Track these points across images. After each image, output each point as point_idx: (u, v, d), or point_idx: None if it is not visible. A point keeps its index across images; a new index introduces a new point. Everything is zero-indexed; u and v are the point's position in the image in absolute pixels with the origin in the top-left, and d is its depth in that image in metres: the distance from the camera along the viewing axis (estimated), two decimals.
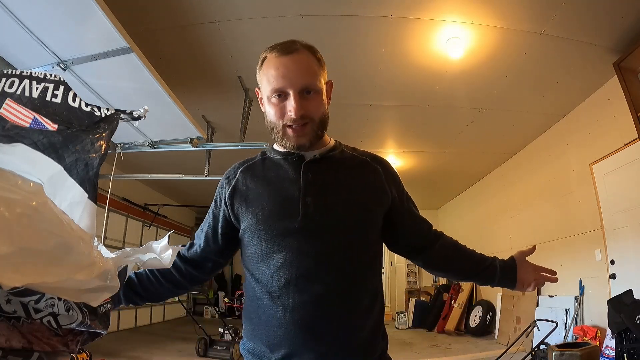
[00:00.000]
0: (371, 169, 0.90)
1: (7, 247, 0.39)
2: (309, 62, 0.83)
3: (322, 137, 0.89)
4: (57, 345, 0.57)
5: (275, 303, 0.78)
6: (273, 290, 0.79)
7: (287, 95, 0.80)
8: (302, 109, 0.79)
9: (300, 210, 0.80)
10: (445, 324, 6.32)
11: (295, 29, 2.85)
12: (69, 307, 0.54)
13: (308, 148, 0.85)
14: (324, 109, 0.85)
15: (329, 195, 0.83)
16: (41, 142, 0.62)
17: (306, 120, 0.81)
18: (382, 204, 0.87)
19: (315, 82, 0.82)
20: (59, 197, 0.67)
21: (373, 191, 0.87)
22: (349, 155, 0.92)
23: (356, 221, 0.82)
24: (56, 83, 0.82)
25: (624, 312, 2.73)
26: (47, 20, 1.86)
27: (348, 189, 0.84)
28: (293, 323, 0.76)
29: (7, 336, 0.51)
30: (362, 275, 0.82)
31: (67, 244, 0.46)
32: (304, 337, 0.75)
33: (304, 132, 0.82)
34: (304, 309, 0.76)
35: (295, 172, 0.85)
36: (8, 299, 0.49)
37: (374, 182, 0.88)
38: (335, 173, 0.86)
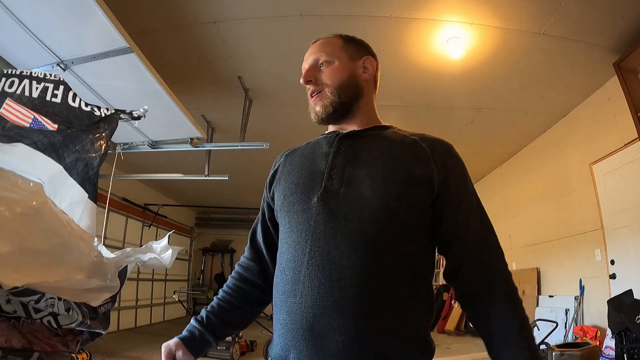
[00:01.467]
0: (417, 148, 0.78)
1: (7, 246, 0.39)
2: (326, 41, 0.87)
3: (356, 108, 0.85)
4: (57, 345, 0.57)
5: (287, 288, 0.70)
6: (287, 274, 0.72)
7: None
8: (308, 76, 0.83)
9: (323, 182, 0.74)
10: (445, 324, 6.32)
11: (295, 29, 2.85)
12: (69, 307, 0.54)
13: (326, 116, 0.82)
14: (344, 77, 0.83)
15: (358, 170, 0.74)
16: (41, 142, 0.62)
17: (319, 87, 0.83)
18: (419, 186, 0.73)
19: (326, 54, 0.84)
20: (59, 197, 0.67)
21: (408, 171, 0.74)
22: (396, 133, 0.84)
23: (383, 200, 0.70)
24: (56, 83, 0.81)
25: (624, 312, 2.73)
26: (47, 20, 1.86)
27: (383, 166, 0.74)
28: (299, 313, 0.67)
29: (7, 336, 0.51)
30: (398, 264, 0.69)
31: (68, 244, 0.46)
32: (304, 333, 0.66)
33: (320, 97, 0.83)
34: (312, 299, 0.66)
35: (329, 146, 0.81)
36: (8, 299, 0.49)
37: (415, 163, 0.75)
38: (372, 149, 0.78)
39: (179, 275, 8.61)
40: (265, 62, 3.24)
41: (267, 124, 4.18)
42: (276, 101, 3.82)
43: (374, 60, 0.91)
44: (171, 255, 0.80)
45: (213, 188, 7.01)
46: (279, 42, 3.01)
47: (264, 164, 4.11)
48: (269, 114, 4.03)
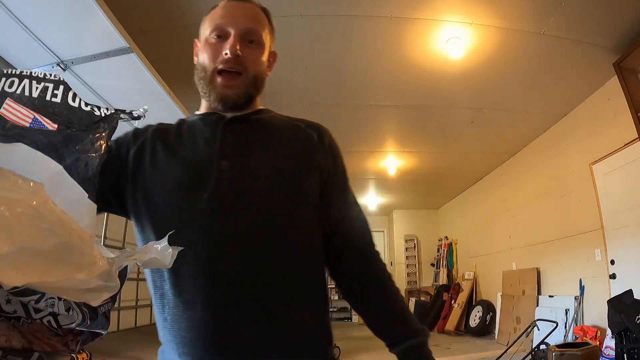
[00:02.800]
0: (305, 135, 0.75)
1: (7, 246, 0.39)
2: (259, 15, 0.76)
3: (253, 102, 0.76)
4: (57, 345, 0.57)
5: (181, 299, 0.63)
6: (179, 284, 0.63)
7: (228, 36, 0.70)
8: (240, 50, 0.69)
9: (214, 176, 0.66)
10: (445, 324, 6.33)
11: (295, 29, 2.85)
12: (69, 307, 0.54)
13: (233, 105, 0.72)
14: (263, 68, 0.75)
15: (250, 160, 0.69)
16: (41, 142, 0.62)
17: (240, 69, 0.70)
18: (314, 174, 0.72)
19: (260, 32, 0.74)
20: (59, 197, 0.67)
21: (304, 159, 0.72)
22: (279, 118, 0.78)
23: (284, 192, 0.68)
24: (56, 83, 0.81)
25: (624, 312, 2.74)
26: (47, 20, 1.86)
27: (274, 155, 0.70)
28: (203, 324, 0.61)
29: (7, 336, 0.51)
30: (295, 261, 0.67)
31: (68, 244, 0.46)
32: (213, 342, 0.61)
33: (234, 83, 0.70)
34: (216, 305, 0.61)
35: (212, 133, 0.71)
36: (8, 299, 0.49)
37: (306, 149, 0.73)
38: (261, 136, 0.73)
39: None
40: None
41: None
42: (276, 101, 3.81)
43: (276, 57, 0.83)
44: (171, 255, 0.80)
45: None
46: (279, 42, 3.00)
47: None
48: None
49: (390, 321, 0.75)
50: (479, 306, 5.97)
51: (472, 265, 6.70)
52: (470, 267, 6.76)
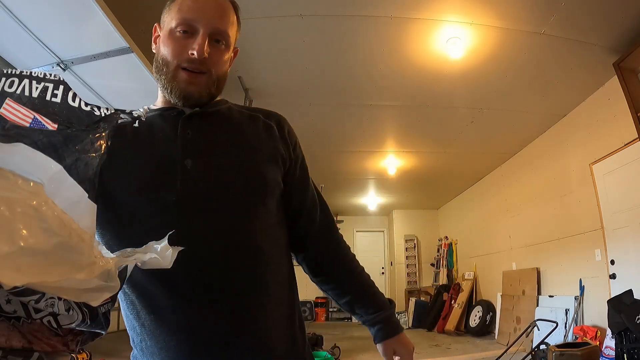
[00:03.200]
0: (264, 125, 0.75)
1: (7, 246, 0.39)
2: (229, 11, 0.73)
3: (213, 100, 0.75)
4: (57, 345, 0.57)
5: (158, 304, 0.63)
6: (151, 289, 0.63)
7: (195, 33, 0.67)
8: (206, 52, 0.66)
9: (179, 176, 0.64)
10: (445, 324, 6.33)
11: (295, 29, 2.85)
12: (69, 307, 0.54)
13: (195, 103, 0.70)
14: (226, 68, 0.74)
15: (215, 156, 0.68)
16: (41, 142, 0.62)
17: (204, 69, 0.68)
18: (276, 164, 0.72)
19: (228, 32, 0.71)
20: (59, 197, 0.67)
21: (266, 151, 0.72)
22: (237, 110, 0.78)
23: (251, 186, 0.67)
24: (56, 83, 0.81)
25: (624, 312, 2.74)
26: (47, 20, 1.86)
27: (237, 148, 0.70)
28: (181, 327, 0.62)
29: (7, 336, 0.51)
30: (268, 256, 0.68)
31: (68, 244, 0.46)
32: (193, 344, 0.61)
33: (198, 80, 0.68)
34: (190, 307, 0.62)
35: (172, 130, 0.69)
36: (8, 299, 0.49)
37: (267, 140, 0.73)
38: (222, 130, 0.72)
39: None
40: (265, 62, 3.24)
41: None
42: (276, 101, 3.81)
43: (237, 53, 0.81)
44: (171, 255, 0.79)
45: None
46: (279, 42, 3.01)
47: None
48: None
49: (359, 298, 0.81)
50: (479, 306, 5.97)
51: (472, 265, 6.70)
52: (470, 267, 6.76)
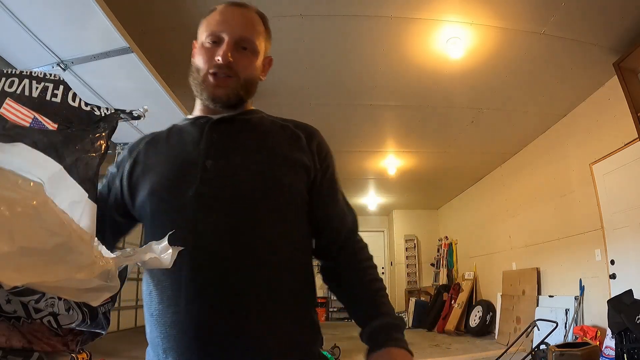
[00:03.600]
0: (292, 134, 0.77)
1: (7, 246, 0.39)
2: (255, 21, 0.78)
3: (243, 104, 0.79)
4: (57, 345, 0.57)
5: (166, 295, 0.65)
6: (163, 280, 0.65)
7: (222, 42, 0.73)
8: (231, 58, 0.71)
9: (198, 175, 0.68)
10: (445, 324, 6.33)
11: (295, 29, 2.85)
12: (69, 306, 0.54)
13: (224, 104, 0.74)
14: (255, 73, 0.78)
15: (234, 159, 0.70)
16: (41, 142, 0.62)
17: (231, 74, 0.72)
18: (299, 172, 0.73)
19: (254, 39, 0.75)
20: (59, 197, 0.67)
21: (288, 157, 0.73)
22: (268, 119, 0.81)
23: (263, 189, 0.68)
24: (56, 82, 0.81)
25: (624, 312, 2.74)
26: (47, 20, 1.86)
27: (257, 153, 0.72)
28: (186, 319, 0.62)
29: (7, 336, 0.51)
30: (277, 259, 0.68)
31: (68, 244, 0.46)
32: (196, 337, 0.62)
33: (225, 83, 0.73)
34: (192, 302, 0.62)
35: (200, 134, 0.74)
36: (8, 299, 0.49)
37: (291, 148, 0.74)
38: (247, 136, 0.75)
39: None
40: None
41: None
42: (276, 101, 3.81)
43: (272, 60, 0.86)
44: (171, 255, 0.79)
45: None
46: (279, 42, 3.01)
47: None
48: (269, 113, 4.03)
49: (361, 303, 0.75)
50: (479, 306, 5.97)
51: (472, 265, 6.70)
52: (470, 267, 6.76)
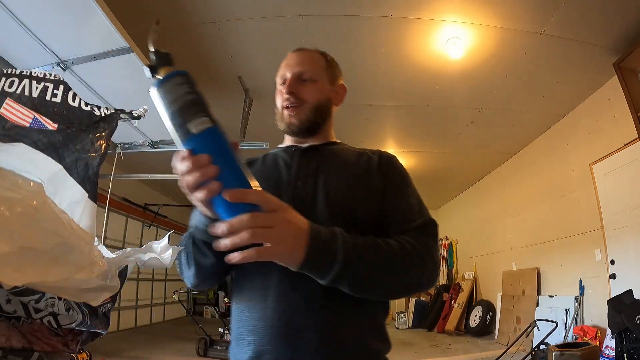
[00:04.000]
0: (368, 158, 0.88)
1: (8, 246, 0.39)
2: (312, 56, 0.93)
3: (322, 129, 0.91)
4: (57, 345, 0.57)
5: (256, 293, 0.74)
6: (254, 280, 0.75)
7: (287, 81, 0.88)
8: (293, 88, 0.86)
9: (290, 194, 0.79)
10: (445, 324, 6.33)
11: (295, 29, 2.85)
12: (69, 306, 0.54)
13: (298, 130, 0.87)
14: (323, 98, 0.89)
15: (318, 180, 0.82)
16: (41, 142, 0.62)
17: (299, 102, 0.86)
18: (374, 193, 0.81)
19: (311, 71, 0.89)
20: (59, 197, 0.67)
21: (363, 177, 0.83)
22: (347, 149, 0.93)
23: (348, 208, 0.78)
24: (56, 83, 0.81)
25: (624, 312, 2.74)
26: (47, 20, 1.86)
27: (341, 176, 0.83)
28: (273, 315, 0.70)
29: (7, 336, 0.51)
30: None
31: (68, 244, 0.46)
32: (279, 335, 0.69)
33: (297, 111, 0.86)
34: (284, 300, 0.70)
35: (291, 159, 0.87)
36: (8, 299, 0.49)
37: (367, 169, 0.85)
38: (330, 161, 0.86)
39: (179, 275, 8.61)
40: (266, 62, 3.24)
41: (267, 124, 4.17)
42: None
43: (345, 88, 0.97)
44: (171, 255, 0.79)
45: None
46: (279, 42, 3.01)
47: None
48: (269, 114, 4.01)
49: None
50: (479, 306, 5.96)
51: (472, 265, 6.70)
52: (470, 267, 6.76)
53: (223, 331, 4.43)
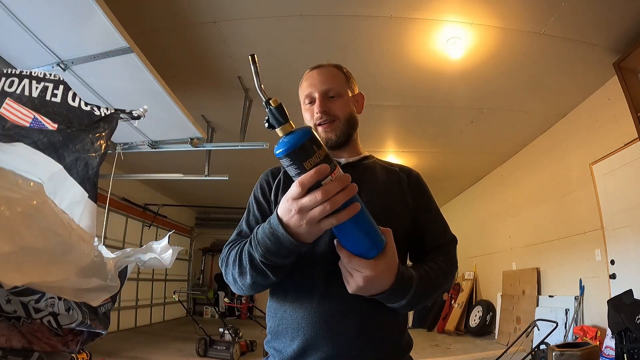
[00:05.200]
0: (399, 177, 0.97)
1: (8, 246, 0.39)
2: (333, 73, 0.98)
3: (352, 139, 0.98)
4: (57, 345, 0.57)
5: (301, 293, 0.82)
6: (301, 283, 0.82)
7: (314, 100, 0.95)
8: (324, 107, 0.93)
9: None
10: (445, 324, 6.33)
11: (295, 29, 2.85)
12: (69, 306, 0.54)
13: (335, 144, 0.94)
14: (350, 110, 0.97)
15: (361, 197, 0.86)
16: (41, 142, 0.62)
17: (332, 118, 0.93)
18: (405, 207, 0.92)
19: (336, 87, 0.96)
20: (59, 197, 0.67)
21: (398, 197, 0.93)
22: (379, 164, 1.01)
23: (387, 223, 0.84)
24: (56, 82, 0.81)
25: (624, 312, 2.74)
26: (47, 20, 1.86)
27: (380, 194, 0.91)
28: (317, 315, 0.79)
29: (7, 336, 0.51)
30: None
31: (68, 243, 0.46)
32: (326, 331, 0.78)
33: (332, 127, 0.93)
34: (327, 301, 0.79)
35: None
36: (8, 299, 0.49)
37: (400, 189, 0.95)
38: (368, 178, 0.94)
39: (179, 275, 8.62)
40: (266, 62, 3.24)
41: None
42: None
43: (363, 95, 1.04)
44: (171, 255, 0.79)
45: (213, 188, 7.02)
46: (279, 42, 3.01)
47: (264, 163, 4.10)
48: None
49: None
50: (479, 306, 5.96)
51: (472, 265, 6.70)
52: (470, 267, 6.76)
53: (223, 331, 4.43)
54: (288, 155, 0.59)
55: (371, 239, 0.67)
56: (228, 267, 0.82)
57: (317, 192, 0.59)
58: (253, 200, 0.95)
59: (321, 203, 0.59)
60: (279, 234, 0.66)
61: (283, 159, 0.60)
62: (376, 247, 0.68)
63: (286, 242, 0.66)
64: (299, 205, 0.61)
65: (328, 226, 0.62)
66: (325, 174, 0.58)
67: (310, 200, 0.60)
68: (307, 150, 0.59)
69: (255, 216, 0.92)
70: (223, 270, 0.86)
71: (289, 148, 0.59)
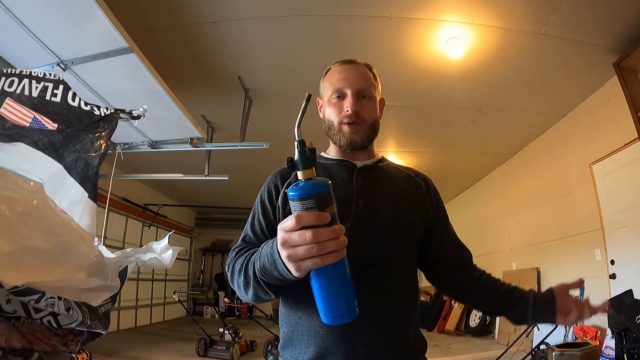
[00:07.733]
0: (415, 182, 0.97)
1: (8, 245, 0.39)
2: (365, 72, 0.95)
3: (372, 143, 0.97)
4: (57, 345, 0.57)
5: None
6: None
7: (345, 96, 0.90)
8: (357, 107, 0.89)
9: (353, 211, 0.84)
10: (445, 324, 6.32)
11: (295, 29, 2.85)
12: (69, 306, 0.54)
13: (359, 149, 0.93)
14: (377, 116, 0.95)
15: (378, 201, 0.88)
16: (41, 141, 0.62)
17: (360, 120, 0.90)
18: (422, 214, 0.92)
19: (370, 88, 0.93)
20: (59, 196, 0.67)
21: (415, 202, 0.93)
22: (394, 168, 1.01)
23: (401, 226, 0.87)
24: (56, 82, 0.81)
25: (624, 312, 2.73)
26: (47, 20, 1.86)
27: (395, 197, 0.90)
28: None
29: (7, 336, 0.51)
30: (407, 277, 0.87)
31: (68, 243, 0.46)
32: (344, 338, 0.77)
33: (358, 129, 0.90)
34: None
35: (349, 177, 0.91)
36: (8, 299, 0.49)
37: (417, 194, 0.95)
38: (384, 182, 0.93)
39: (179, 275, 8.62)
40: (266, 62, 3.24)
41: (267, 124, 4.18)
42: (276, 101, 3.81)
43: (384, 101, 1.03)
44: (171, 255, 0.79)
45: (213, 188, 7.02)
46: (279, 42, 3.01)
47: (264, 163, 4.10)
48: (269, 114, 4.03)
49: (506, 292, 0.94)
50: None
51: None
52: None
53: (223, 331, 4.43)
54: (304, 199, 0.59)
55: (348, 302, 0.65)
56: (234, 274, 0.81)
57: (308, 231, 0.57)
58: (259, 204, 0.92)
59: (309, 244, 0.57)
60: (276, 257, 0.65)
61: (296, 201, 0.59)
62: (350, 314, 0.66)
63: (280, 267, 0.65)
64: (287, 238, 0.59)
65: (312, 265, 0.59)
66: (324, 222, 0.57)
67: (300, 237, 0.58)
68: (325, 200, 0.58)
69: (259, 221, 0.89)
70: (229, 276, 0.84)
71: (310, 193, 0.58)
